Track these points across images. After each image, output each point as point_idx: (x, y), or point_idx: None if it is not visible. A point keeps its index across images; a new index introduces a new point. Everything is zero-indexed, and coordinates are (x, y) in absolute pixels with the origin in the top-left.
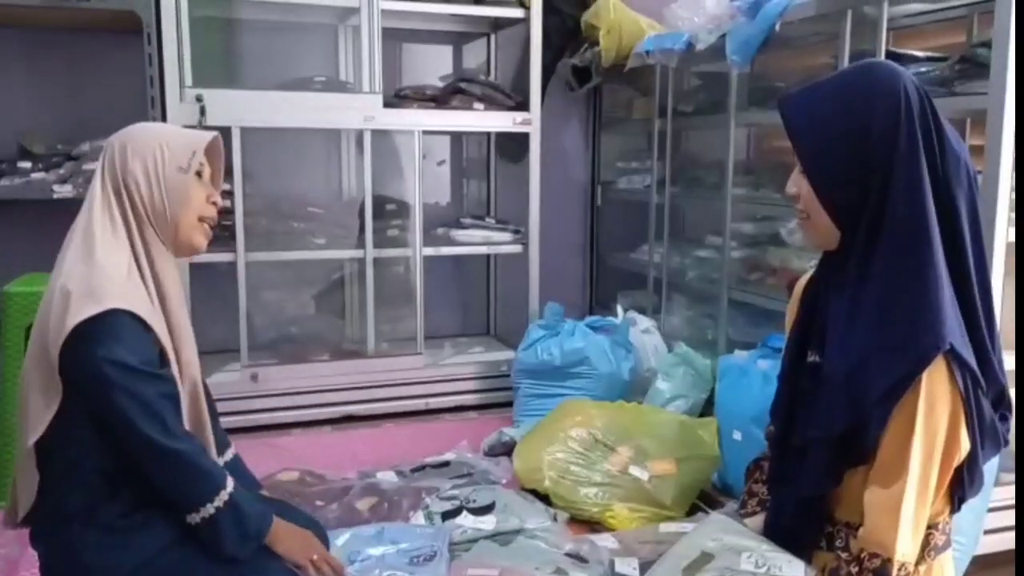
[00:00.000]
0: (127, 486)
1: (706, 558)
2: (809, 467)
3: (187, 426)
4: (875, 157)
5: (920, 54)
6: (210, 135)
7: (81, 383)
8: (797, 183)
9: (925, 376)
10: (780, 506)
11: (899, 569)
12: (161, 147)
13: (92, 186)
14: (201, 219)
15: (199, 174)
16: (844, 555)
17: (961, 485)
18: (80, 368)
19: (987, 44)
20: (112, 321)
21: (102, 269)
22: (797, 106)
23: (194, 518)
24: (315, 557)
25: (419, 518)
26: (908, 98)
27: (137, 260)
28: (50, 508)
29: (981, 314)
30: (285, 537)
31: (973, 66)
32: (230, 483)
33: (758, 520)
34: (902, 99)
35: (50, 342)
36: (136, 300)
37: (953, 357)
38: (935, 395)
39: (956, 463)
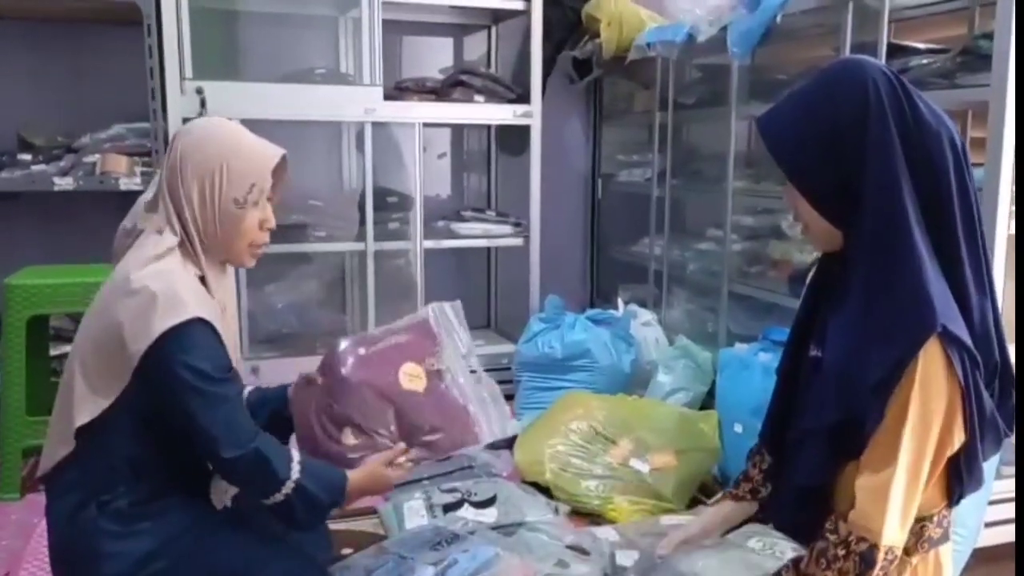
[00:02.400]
0: (150, 475)
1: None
2: (805, 459)
3: None
4: (848, 153)
5: (921, 46)
6: (276, 157)
7: (156, 384)
8: (790, 194)
9: (920, 362)
10: (781, 500)
11: (885, 554)
12: (221, 170)
13: (160, 177)
14: (252, 245)
15: (256, 202)
16: (832, 537)
17: (959, 480)
18: (160, 371)
19: (989, 36)
20: (193, 329)
21: (181, 273)
22: (770, 120)
23: (267, 502)
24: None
25: (419, 510)
26: (877, 87)
27: (198, 270)
28: (71, 482)
29: (972, 289)
30: (362, 491)
31: (975, 58)
32: (295, 470)
33: (739, 508)
34: (869, 90)
35: (128, 339)
36: (211, 310)
37: (948, 339)
38: (930, 382)
39: (949, 453)
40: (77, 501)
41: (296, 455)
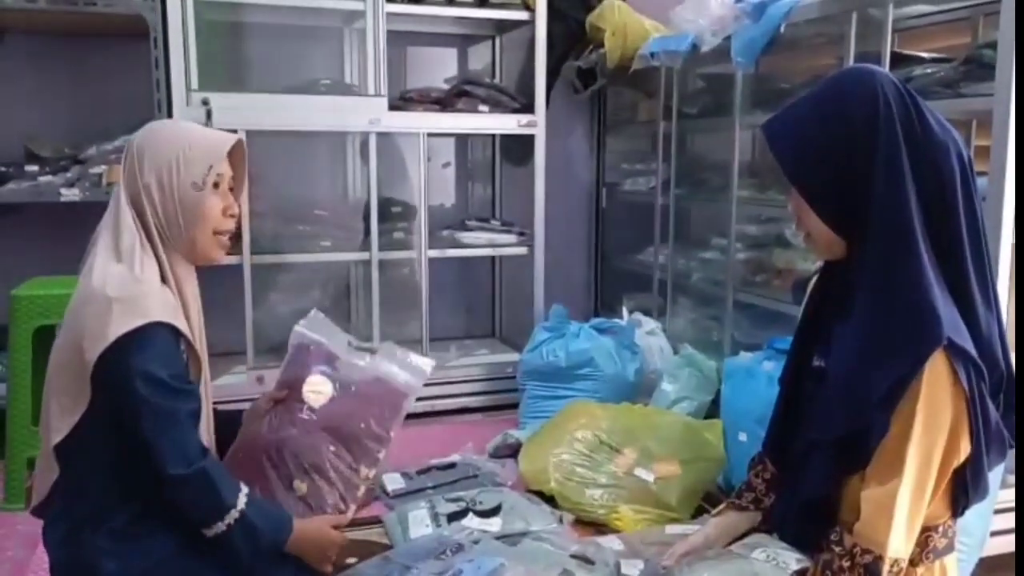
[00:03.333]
0: (140, 491)
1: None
2: (811, 470)
3: (204, 434)
4: (856, 162)
5: (925, 55)
6: (230, 141)
7: (112, 391)
8: (794, 202)
9: (926, 375)
10: (786, 511)
11: (891, 566)
12: (178, 159)
13: (117, 186)
14: (216, 233)
15: (216, 185)
16: (838, 549)
17: (964, 491)
18: (115, 377)
19: (992, 45)
20: (152, 335)
21: (140, 276)
22: (777, 127)
23: (208, 532)
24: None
25: (424, 519)
26: (886, 98)
27: (163, 272)
28: (64, 508)
29: (978, 300)
30: (304, 544)
31: (978, 67)
32: (242, 500)
33: (742, 519)
34: (880, 100)
35: (86, 347)
36: (174, 313)
37: (953, 351)
38: (936, 395)
39: (955, 465)
40: (72, 525)
41: (244, 488)
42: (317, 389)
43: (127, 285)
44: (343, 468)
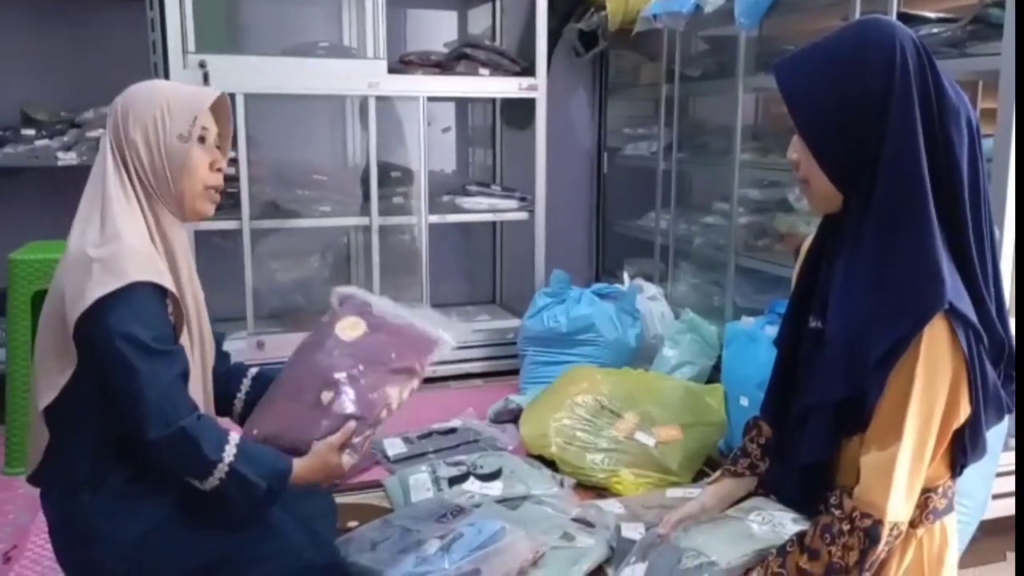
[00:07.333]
0: (134, 452)
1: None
2: (809, 435)
3: (196, 395)
4: (869, 117)
5: (931, 15)
6: (213, 95)
7: (94, 353)
8: (796, 148)
9: (925, 338)
10: (783, 476)
11: (891, 530)
12: (162, 113)
13: (102, 147)
14: (207, 187)
15: (202, 139)
16: (837, 512)
17: (963, 451)
18: (95, 339)
19: (1000, 4)
20: (132, 295)
21: (123, 237)
22: (790, 70)
23: (202, 487)
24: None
25: (425, 483)
26: (904, 54)
27: (150, 229)
28: (59, 472)
29: (978, 268)
30: (309, 479)
31: (985, 27)
32: (229, 453)
33: (738, 485)
34: (897, 56)
35: (68, 309)
36: (156, 271)
37: (954, 316)
38: (935, 357)
39: (955, 427)
40: (68, 487)
41: (234, 438)
42: (350, 325)
43: (107, 243)
44: (368, 382)
